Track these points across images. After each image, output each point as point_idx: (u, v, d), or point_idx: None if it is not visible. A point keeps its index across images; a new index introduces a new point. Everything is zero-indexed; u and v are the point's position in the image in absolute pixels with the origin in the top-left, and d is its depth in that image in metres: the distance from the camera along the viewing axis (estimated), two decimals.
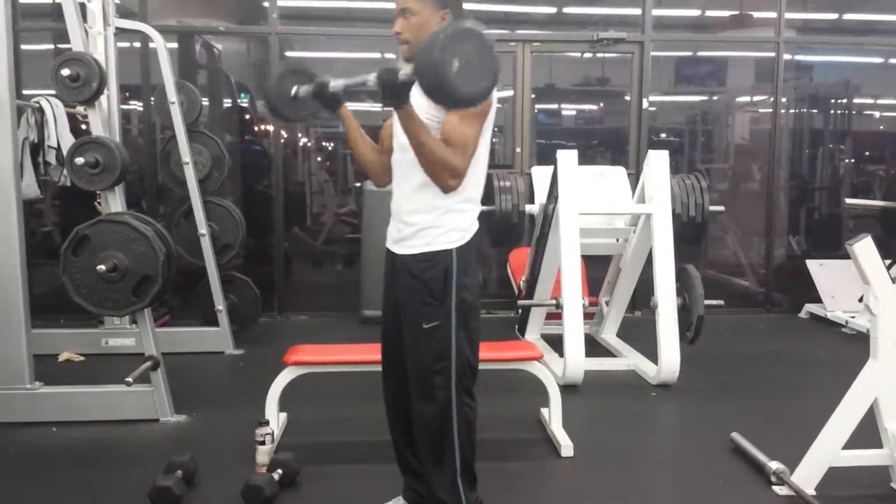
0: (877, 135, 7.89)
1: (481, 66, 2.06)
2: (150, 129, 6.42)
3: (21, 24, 5.84)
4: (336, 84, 2.52)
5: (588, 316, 5.24)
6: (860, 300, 5.28)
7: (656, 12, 6.58)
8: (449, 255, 2.36)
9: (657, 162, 4.78)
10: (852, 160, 7.56)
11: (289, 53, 6.83)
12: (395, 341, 2.52)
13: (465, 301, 2.38)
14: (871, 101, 7.79)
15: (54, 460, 3.43)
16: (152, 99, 5.87)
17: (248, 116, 7.10)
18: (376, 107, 7.41)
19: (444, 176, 2.28)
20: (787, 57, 6.77)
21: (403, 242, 2.44)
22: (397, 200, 2.49)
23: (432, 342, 2.37)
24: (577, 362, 4.47)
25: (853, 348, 5.23)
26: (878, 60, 7.60)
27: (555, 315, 5.01)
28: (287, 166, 6.71)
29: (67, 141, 4.64)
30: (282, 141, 6.58)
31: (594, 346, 5.37)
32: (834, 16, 7.53)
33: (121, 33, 5.10)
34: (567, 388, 4.31)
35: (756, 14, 7.00)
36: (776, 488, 3.08)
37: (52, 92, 4.29)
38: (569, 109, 7.82)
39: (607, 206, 5.11)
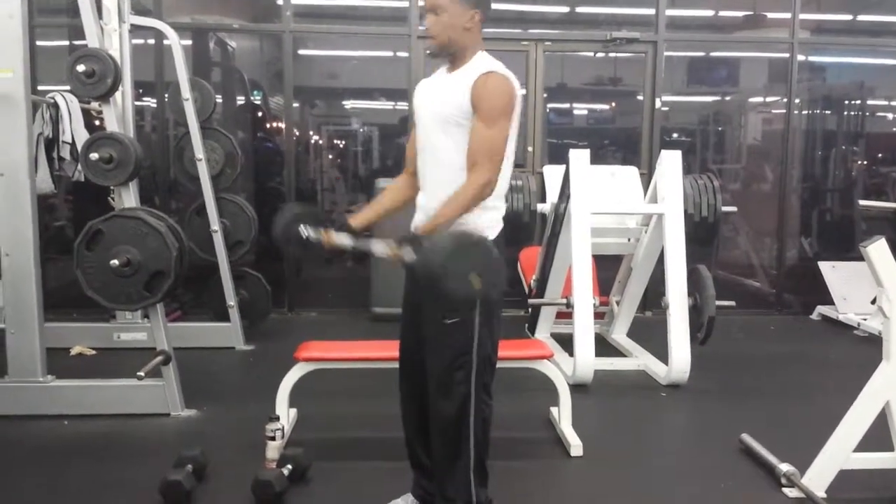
0: (890, 136, 7.85)
1: (478, 273, 2.15)
2: (163, 126, 6.45)
3: (37, 19, 5.87)
4: (343, 243, 2.51)
5: (598, 315, 5.24)
6: (873, 302, 5.26)
7: (670, 12, 6.56)
8: None
9: (669, 162, 4.77)
10: (865, 162, 7.52)
11: (302, 51, 6.84)
12: (414, 337, 2.54)
13: (490, 297, 2.39)
14: (884, 102, 7.74)
15: (65, 453, 3.45)
16: (166, 95, 5.90)
17: (260, 114, 7.12)
18: (388, 105, 7.45)
19: (482, 198, 2.37)
20: (800, 58, 6.74)
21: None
22: (423, 198, 2.50)
23: (455, 337, 2.39)
24: (587, 362, 4.46)
25: (865, 351, 5.21)
26: (893, 62, 7.55)
27: (565, 314, 5.00)
28: (299, 163, 6.73)
29: (82, 136, 4.68)
30: (294, 138, 6.59)
31: (604, 346, 5.36)
32: (848, 17, 7.49)
33: (136, 30, 5.13)
34: (577, 388, 4.31)
35: (770, 15, 6.98)
36: (786, 490, 3.07)
37: (68, 87, 4.32)
38: (581, 109, 7.80)
39: (619, 206, 5.10)
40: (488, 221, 2.43)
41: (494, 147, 2.35)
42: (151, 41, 6.19)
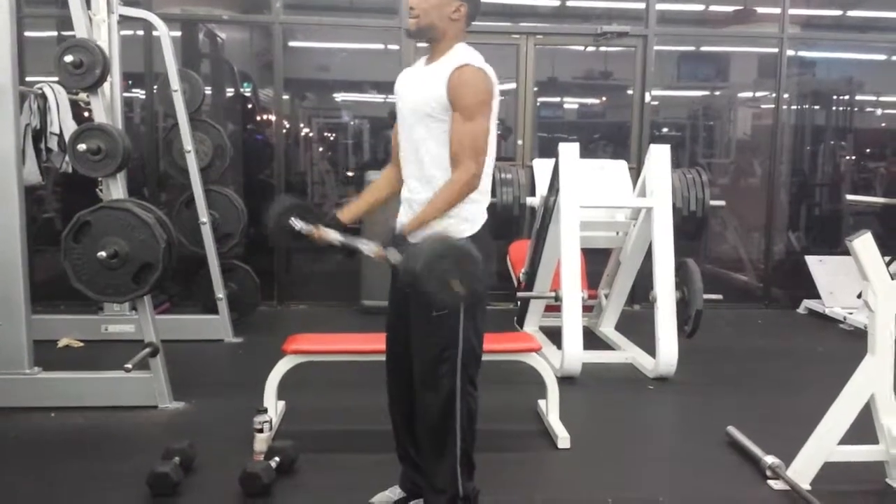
0: (878, 132, 7.87)
1: (460, 278, 2.17)
2: (152, 117, 6.42)
3: (25, 10, 5.82)
4: (335, 238, 2.54)
5: (587, 309, 5.25)
6: (859, 296, 5.27)
7: (660, 6, 6.57)
8: None
9: (658, 156, 4.79)
10: (854, 157, 7.55)
11: (292, 43, 6.82)
12: (402, 330, 2.54)
13: (474, 295, 2.40)
14: (873, 97, 7.77)
15: (53, 446, 3.44)
16: (155, 87, 5.88)
17: (250, 105, 7.10)
18: (378, 97, 7.44)
19: (467, 193, 2.38)
20: (790, 53, 6.77)
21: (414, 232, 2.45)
22: (406, 192, 2.50)
23: (440, 331, 2.40)
24: (575, 355, 4.48)
25: (851, 344, 5.24)
26: (881, 57, 7.58)
27: (554, 307, 5.02)
28: (289, 156, 6.71)
29: (70, 127, 4.65)
30: (284, 130, 6.58)
31: (592, 339, 5.38)
32: (837, 12, 7.51)
33: (124, 21, 5.11)
34: (565, 381, 4.33)
35: (760, 9, 6.99)
36: (771, 482, 3.10)
37: (55, 78, 4.29)
38: (571, 103, 7.80)
39: (608, 200, 5.11)
40: (471, 214, 2.42)
41: (476, 141, 2.34)
42: (140, 32, 6.15)
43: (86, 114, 4.99)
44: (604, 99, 7.80)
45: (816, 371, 4.84)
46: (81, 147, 3.78)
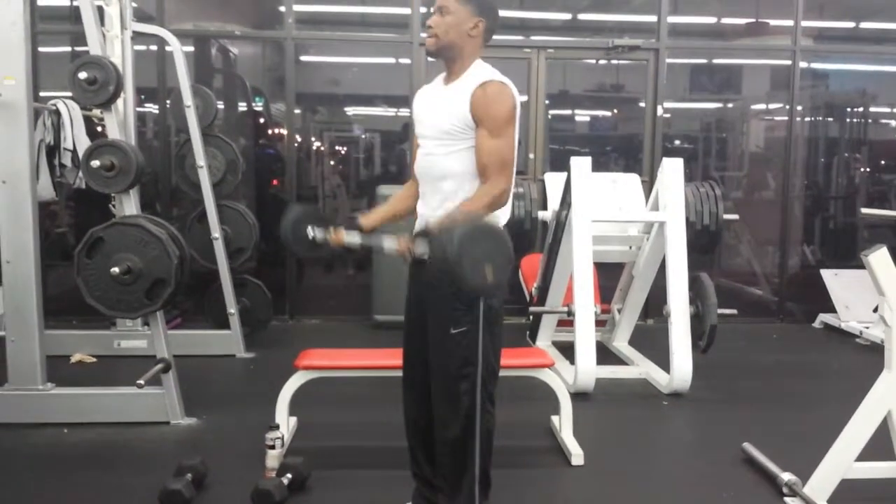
0: (893, 144, 7.82)
1: (493, 264, 2.12)
2: (165, 133, 6.45)
3: (39, 26, 5.88)
4: (352, 241, 2.54)
5: (600, 323, 5.23)
6: (875, 311, 5.24)
7: (672, 19, 6.56)
8: None
9: (671, 169, 4.77)
10: (868, 169, 7.51)
11: (304, 58, 6.85)
12: (419, 347, 2.53)
13: (492, 307, 2.40)
14: (887, 109, 7.74)
15: (65, 461, 3.44)
16: (168, 102, 5.90)
17: (262, 120, 7.12)
18: (389, 111, 7.46)
19: (496, 207, 2.37)
20: (803, 65, 6.74)
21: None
22: (425, 207, 2.50)
23: (460, 347, 2.38)
24: (588, 370, 4.45)
25: (867, 359, 5.17)
26: (895, 69, 7.55)
27: (566, 322, 4.99)
28: (301, 170, 6.73)
29: (83, 143, 4.68)
30: (295, 145, 6.59)
31: (606, 354, 5.34)
32: (851, 24, 7.49)
33: (138, 37, 5.14)
34: (578, 396, 4.29)
35: (772, 22, 6.98)
36: (788, 500, 3.06)
37: (69, 94, 4.32)
38: (583, 116, 7.80)
39: (620, 214, 5.08)
40: None
41: (504, 157, 2.36)
42: (154, 48, 6.19)
43: (99, 129, 5.03)
44: (616, 112, 7.79)
45: (833, 386, 4.80)
46: (95, 163, 3.80)
